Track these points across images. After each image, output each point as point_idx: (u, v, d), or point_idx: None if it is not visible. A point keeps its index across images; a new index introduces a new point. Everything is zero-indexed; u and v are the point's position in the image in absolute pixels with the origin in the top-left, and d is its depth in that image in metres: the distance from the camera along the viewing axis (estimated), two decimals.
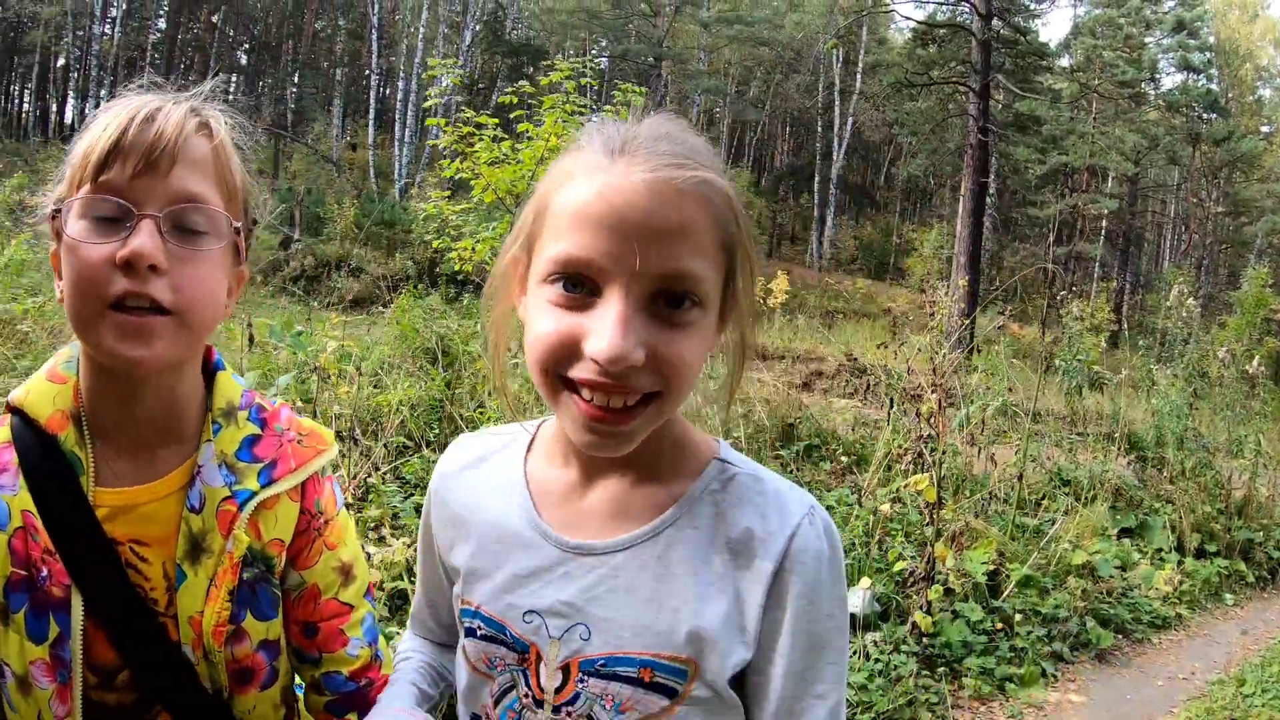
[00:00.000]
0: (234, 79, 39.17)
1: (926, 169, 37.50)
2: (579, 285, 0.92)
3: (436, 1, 34.97)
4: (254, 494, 1.16)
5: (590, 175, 0.93)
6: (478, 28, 33.77)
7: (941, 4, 26.38)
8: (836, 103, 37.12)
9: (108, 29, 36.17)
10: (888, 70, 28.23)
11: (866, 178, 47.15)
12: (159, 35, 38.64)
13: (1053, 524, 6.25)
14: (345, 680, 1.27)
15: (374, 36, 35.78)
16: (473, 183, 7.36)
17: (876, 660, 4.26)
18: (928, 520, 4.74)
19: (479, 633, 1.09)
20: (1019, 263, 29.90)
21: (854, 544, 5.23)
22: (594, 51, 38.83)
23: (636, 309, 0.91)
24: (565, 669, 1.03)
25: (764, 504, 1.03)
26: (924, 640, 4.39)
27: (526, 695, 1.06)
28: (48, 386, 1.14)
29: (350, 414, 4.84)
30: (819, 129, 39.03)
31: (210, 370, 1.21)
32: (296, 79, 40.55)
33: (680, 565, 1.01)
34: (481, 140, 7.14)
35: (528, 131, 7.09)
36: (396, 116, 33.66)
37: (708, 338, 0.99)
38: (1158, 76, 35.68)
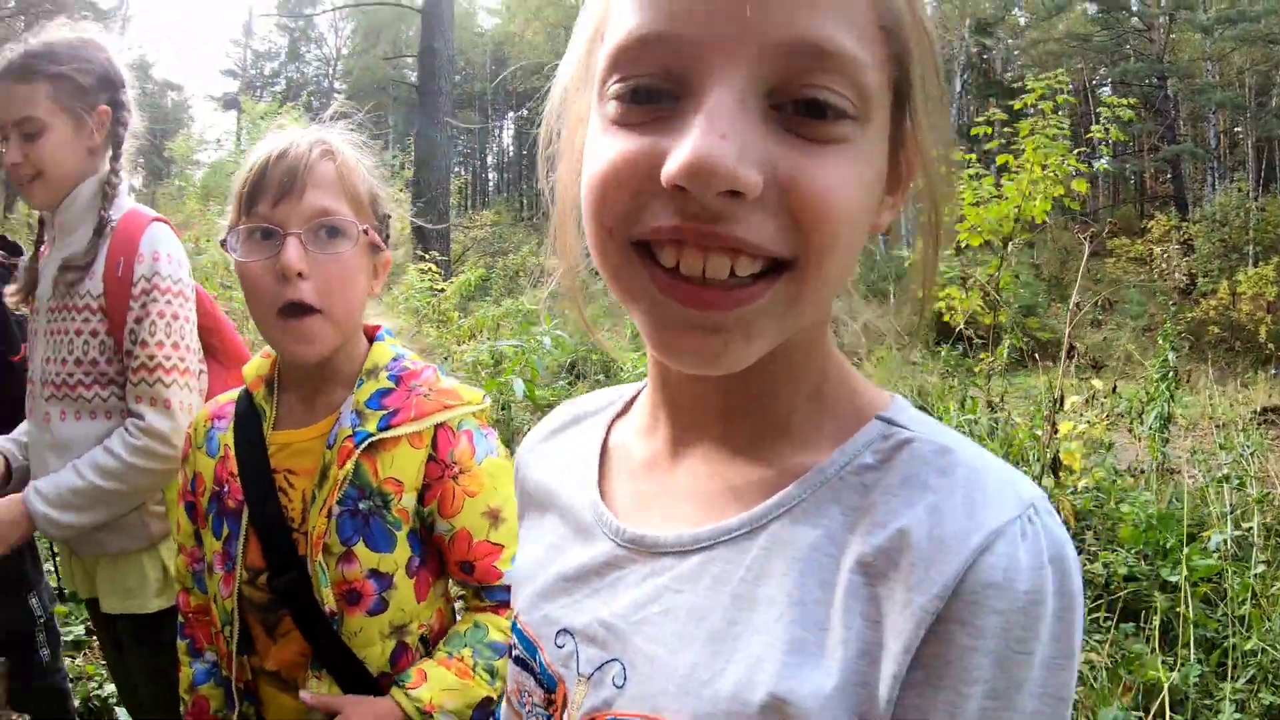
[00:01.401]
0: None
1: None
2: (651, 95, 0.58)
3: None
4: (369, 435, 1.38)
5: None
6: (966, 75, 33.52)
7: None
8: None
9: None
10: None
11: None
12: None
13: None
14: (501, 591, 1.49)
15: None
16: (956, 226, 6.53)
17: None
18: None
19: (513, 653, 0.81)
20: None
21: None
22: (1094, 81, 36.38)
23: (744, 104, 0.55)
24: None
25: (946, 490, 0.59)
26: None
27: None
28: (260, 361, 1.53)
29: None
30: None
31: (373, 341, 1.52)
32: None
33: (780, 584, 0.62)
34: (961, 180, 6.41)
35: (1008, 164, 6.43)
36: None
37: (869, 171, 0.60)
38: None
